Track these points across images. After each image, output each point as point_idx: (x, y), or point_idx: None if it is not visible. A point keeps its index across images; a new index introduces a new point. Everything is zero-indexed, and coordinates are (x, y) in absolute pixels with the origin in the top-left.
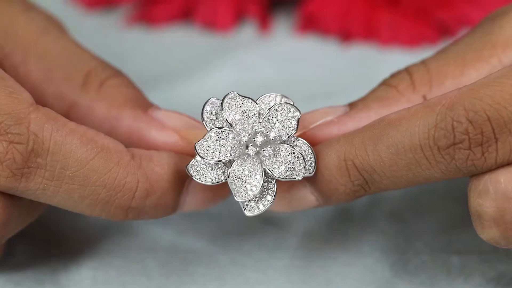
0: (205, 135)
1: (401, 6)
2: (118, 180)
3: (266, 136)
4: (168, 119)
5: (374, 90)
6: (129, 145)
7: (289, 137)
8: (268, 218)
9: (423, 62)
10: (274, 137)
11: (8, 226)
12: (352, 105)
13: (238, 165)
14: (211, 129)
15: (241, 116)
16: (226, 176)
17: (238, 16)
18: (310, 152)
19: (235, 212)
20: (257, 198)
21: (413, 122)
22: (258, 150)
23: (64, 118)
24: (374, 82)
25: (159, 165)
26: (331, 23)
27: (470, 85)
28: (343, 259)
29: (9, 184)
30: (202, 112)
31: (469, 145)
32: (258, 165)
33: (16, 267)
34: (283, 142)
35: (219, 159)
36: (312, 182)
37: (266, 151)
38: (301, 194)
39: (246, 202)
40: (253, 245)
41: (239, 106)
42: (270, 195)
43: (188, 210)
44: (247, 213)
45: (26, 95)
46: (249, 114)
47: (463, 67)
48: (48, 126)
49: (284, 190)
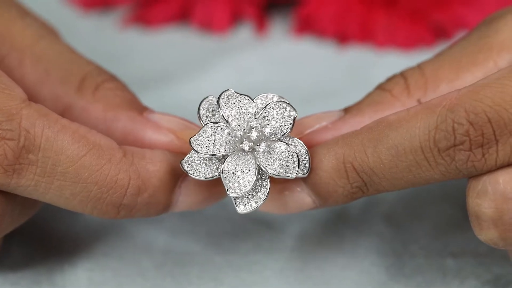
0: (200, 130)
1: (397, 8)
2: (110, 177)
3: (261, 132)
4: (163, 121)
5: (369, 95)
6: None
7: (284, 135)
8: (264, 220)
9: (419, 66)
10: (269, 133)
11: (2, 223)
12: (347, 110)
13: (232, 160)
14: (206, 124)
15: (237, 112)
16: (219, 171)
17: (234, 17)
18: (305, 152)
19: (231, 213)
20: (249, 195)
21: (413, 123)
22: (252, 145)
23: (56, 115)
24: (370, 84)
25: (152, 162)
26: (328, 25)
27: (470, 86)
28: (339, 262)
29: (1, 180)
30: (199, 109)
31: (469, 146)
32: (252, 161)
33: (12, 268)
34: (278, 140)
35: (214, 153)
36: (309, 184)
37: (260, 148)
38: (297, 196)
39: (238, 199)
40: (249, 246)
41: (236, 103)
42: (263, 193)
43: (181, 209)
44: (240, 210)
45: (19, 91)
46: (245, 110)
47: (458, 71)
48: (39, 122)
49: (280, 192)
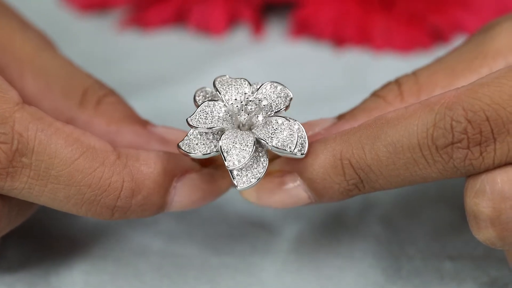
0: (197, 109)
1: (394, 12)
2: (103, 180)
3: (258, 104)
4: (167, 134)
5: (363, 102)
6: None
7: (279, 111)
8: (260, 222)
9: (414, 73)
10: (265, 105)
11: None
12: (340, 116)
13: (229, 134)
14: (203, 102)
15: (233, 89)
16: (217, 148)
17: (231, 20)
18: (302, 129)
19: (227, 215)
20: (248, 171)
21: (411, 121)
22: (249, 117)
23: (50, 118)
24: (367, 87)
25: (146, 164)
26: (325, 28)
27: (468, 85)
28: (336, 264)
29: None
30: (194, 96)
31: (467, 144)
32: (250, 135)
33: (8, 270)
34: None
35: (211, 126)
36: (305, 179)
37: (258, 118)
38: (293, 191)
39: (237, 176)
40: (245, 248)
41: (231, 84)
42: (262, 167)
43: (175, 209)
44: (239, 186)
45: (13, 94)
46: (241, 90)
47: (453, 77)
48: (33, 125)
49: (276, 186)
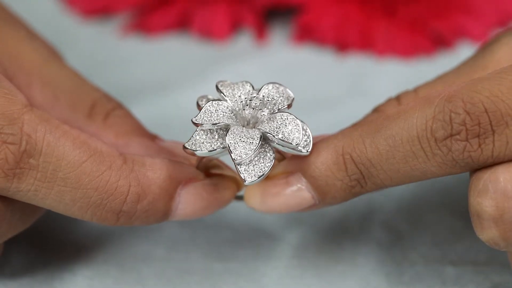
0: (202, 109)
1: (397, 17)
2: (110, 183)
3: (262, 100)
4: (175, 148)
5: (365, 116)
6: None
7: (282, 107)
8: (263, 228)
9: (415, 89)
10: (269, 101)
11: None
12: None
13: (235, 128)
14: (207, 103)
15: (236, 90)
16: (223, 144)
17: (234, 25)
18: (306, 127)
19: (231, 221)
20: (255, 165)
21: (411, 114)
22: (254, 112)
23: (57, 121)
24: (370, 92)
25: (152, 170)
26: (327, 33)
27: (469, 80)
28: (338, 270)
29: (1, 184)
30: (197, 102)
31: (466, 136)
32: (255, 130)
33: (12, 275)
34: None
35: (216, 122)
36: (308, 177)
37: (263, 115)
38: (297, 192)
39: (244, 170)
40: (248, 254)
41: (234, 85)
42: (269, 161)
43: (180, 218)
44: (247, 181)
45: (21, 97)
46: (244, 89)
47: None
48: (41, 127)
49: (280, 188)
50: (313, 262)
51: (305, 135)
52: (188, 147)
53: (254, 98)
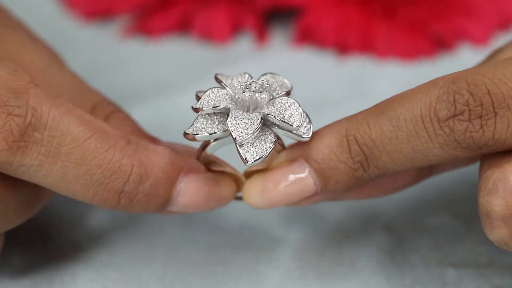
0: (202, 95)
1: (397, 19)
2: (114, 161)
3: (261, 84)
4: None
5: None
6: None
7: (281, 94)
8: (264, 230)
9: None
10: (268, 85)
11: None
12: None
13: (235, 111)
14: (207, 89)
15: (235, 78)
16: (223, 128)
17: (235, 27)
18: (307, 115)
19: (231, 224)
20: (256, 147)
21: (416, 95)
22: (253, 95)
23: (62, 98)
24: (370, 94)
25: (155, 154)
26: (328, 36)
27: (475, 65)
28: (339, 272)
29: (4, 157)
30: (196, 95)
31: (469, 116)
32: (256, 114)
33: (12, 277)
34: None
35: (216, 105)
36: (311, 162)
37: (263, 99)
38: (299, 178)
39: (245, 151)
40: (249, 256)
41: (233, 75)
42: (270, 141)
43: (180, 208)
44: (249, 161)
45: (26, 74)
46: (242, 78)
47: None
48: (47, 102)
49: (282, 175)
50: (314, 264)
51: (305, 121)
52: (188, 132)
53: (253, 82)
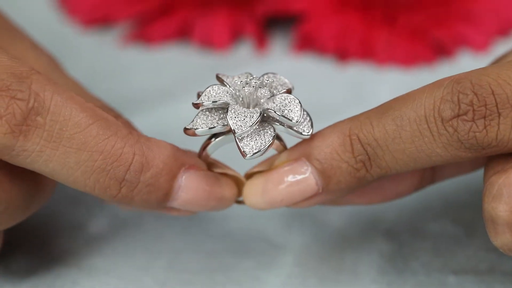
0: (203, 92)
1: (397, 26)
2: (115, 149)
3: (261, 80)
4: None
5: None
6: None
7: (282, 91)
8: (265, 237)
9: None
10: (267, 83)
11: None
12: None
13: (235, 106)
14: (208, 87)
15: (236, 77)
16: (223, 122)
17: (234, 34)
18: (307, 113)
19: (232, 231)
20: (256, 140)
21: (420, 95)
22: (253, 90)
23: (64, 86)
24: (370, 101)
25: (157, 145)
26: (328, 42)
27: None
28: (340, 278)
29: (6, 141)
30: (198, 94)
31: (472, 116)
32: (256, 109)
33: (12, 284)
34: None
35: (216, 100)
36: (313, 161)
37: (263, 94)
38: (301, 177)
39: (245, 145)
40: (250, 263)
41: (233, 76)
42: (269, 136)
43: (180, 203)
44: (247, 154)
45: (27, 63)
46: (243, 76)
47: None
48: (49, 87)
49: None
50: (315, 270)
51: (306, 119)
52: (188, 127)
53: (254, 78)
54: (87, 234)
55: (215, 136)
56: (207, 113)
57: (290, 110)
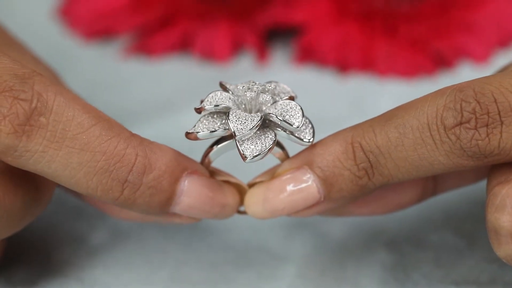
0: (205, 98)
1: (398, 37)
2: (118, 149)
3: (263, 86)
4: None
5: None
6: None
7: (284, 98)
8: (267, 248)
9: None
10: (269, 89)
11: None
12: None
13: (236, 110)
14: (211, 92)
15: (239, 84)
16: (224, 126)
17: (235, 46)
18: (310, 120)
19: (234, 242)
20: (256, 144)
21: (423, 103)
22: (255, 95)
23: (67, 88)
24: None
25: (159, 148)
26: (329, 54)
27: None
28: None
29: (9, 141)
30: (201, 102)
31: (475, 124)
32: (257, 113)
33: None
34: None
35: (218, 104)
36: (315, 168)
37: (265, 99)
38: (303, 185)
39: (245, 148)
40: (251, 275)
41: (236, 83)
42: (270, 139)
43: (183, 208)
44: (248, 157)
45: (28, 65)
46: (247, 82)
47: None
48: (52, 88)
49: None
50: (316, 282)
51: (308, 126)
52: (190, 131)
53: (256, 84)
54: (89, 246)
55: (217, 143)
56: (209, 117)
57: (291, 116)
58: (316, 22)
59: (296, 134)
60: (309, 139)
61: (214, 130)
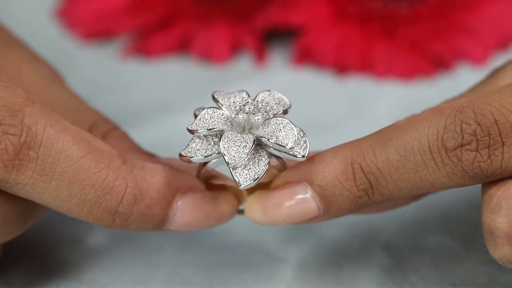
0: (197, 116)
1: (396, 39)
2: (107, 182)
3: (256, 105)
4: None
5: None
6: None
7: (277, 113)
8: (264, 250)
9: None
10: (263, 106)
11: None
12: None
13: (229, 133)
14: (203, 109)
15: (232, 98)
16: (218, 150)
17: (234, 48)
18: (303, 134)
19: (231, 244)
20: (250, 169)
21: (423, 124)
22: (247, 117)
23: (58, 116)
24: (370, 114)
25: (151, 174)
26: (327, 56)
27: (481, 92)
28: None
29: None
30: (195, 113)
31: (476, 146)
32: (250, 135)
33: None
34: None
35: (211, 128)
36: (315, 186)
37: (257, 120)
38: (302, 200)
39: (239, 174)
40: (248, 276)
41: (229, 94)
42: (264, 164)
43: (177, 227)
44: (242, 184)
45: (20, 91)
46: (239, 96)
47: None
48: (42, 120)
49: (285, 196)
50: (313, 284)
51: (301, 140)
52: (184, 154)
53: (248, 103)
54: (87, 247)
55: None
56: (203, 138)
57: (284, 136)
58: (314, 24)
59: (290, 152)
60: (303, 155)
61: (208, 155)
